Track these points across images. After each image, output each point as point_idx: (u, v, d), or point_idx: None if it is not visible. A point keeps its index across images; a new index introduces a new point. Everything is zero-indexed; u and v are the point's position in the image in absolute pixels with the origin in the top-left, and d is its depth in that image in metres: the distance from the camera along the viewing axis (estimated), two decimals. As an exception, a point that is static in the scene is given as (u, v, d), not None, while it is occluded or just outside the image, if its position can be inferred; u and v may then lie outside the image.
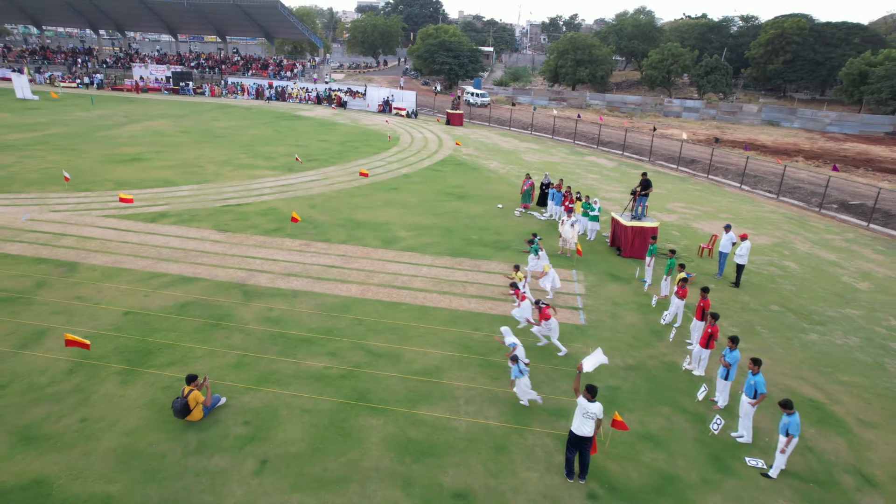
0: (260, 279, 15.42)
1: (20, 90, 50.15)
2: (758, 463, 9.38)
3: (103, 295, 14.04)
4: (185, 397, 9.46)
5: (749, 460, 9.44)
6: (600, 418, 8.51)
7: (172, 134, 36.66)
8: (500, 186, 27.62)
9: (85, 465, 8.60)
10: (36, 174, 24.90)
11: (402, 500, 8.24)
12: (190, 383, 9.60)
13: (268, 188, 24.71)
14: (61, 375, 10.76)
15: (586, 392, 8.48)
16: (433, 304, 14.44)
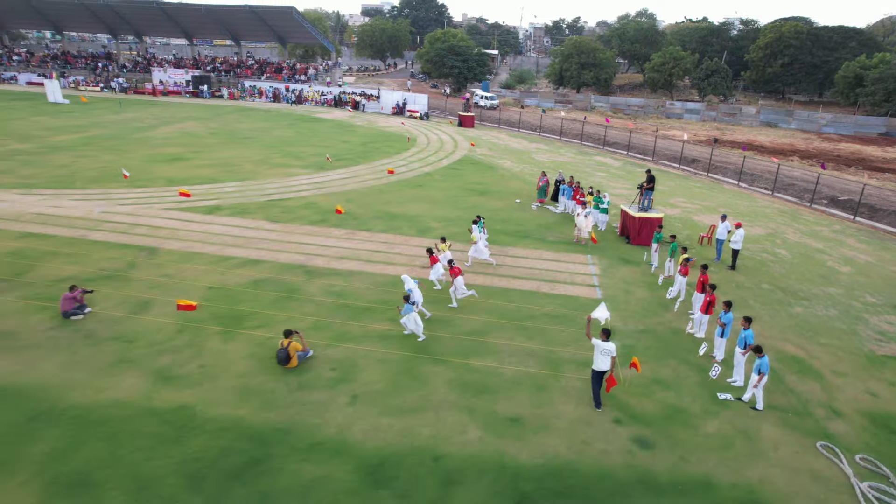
0: (317, 261, 17.70)
1: (52, 94, 52.49)
2: (728, 397, 11.67)
3: (186, 274, 16.32)
4: (286, 348, 11.74)
5: (721, 395, 11.73)
6: (615, 355, 10.81)
7: (203, 135, 38.97)
8: (515, 183, 29.89)
9: (214, 397, 10.88)
10: (93, 172, 27.20)
11: (468, 422, 10.52)
12: (287, 336, 11.87)
13: (304, 185, 27.00)
14: (173, 334, 13.03)
15: (602, 334, 10.81)
16: (470, 282, 16.70)
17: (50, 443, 9.47)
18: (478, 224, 18.81)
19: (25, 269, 16.02)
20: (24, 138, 34.47)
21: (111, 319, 13.52)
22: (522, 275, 17.66)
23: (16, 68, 71.20)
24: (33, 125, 39.33)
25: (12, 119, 41.51)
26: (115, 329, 13.11)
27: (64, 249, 17.64)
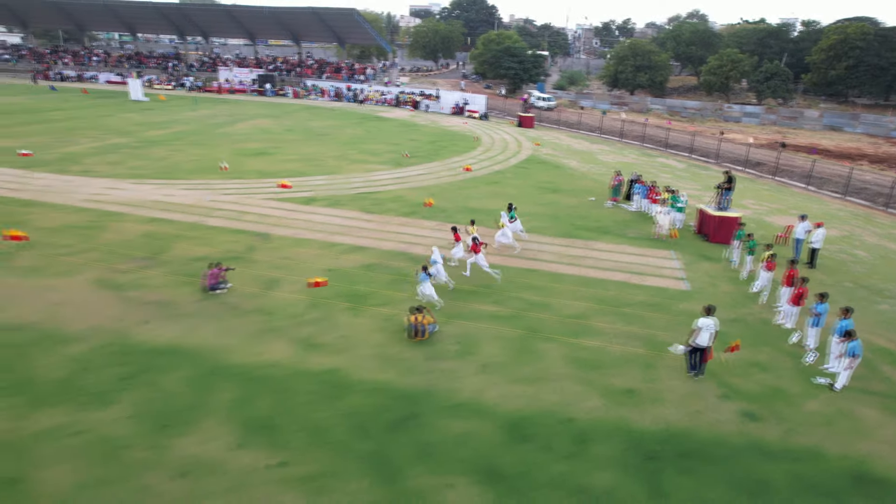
0: (416, 249, 19.09)
1: (134, 92, 55.89)
2: (824, 381, 12.43)
3: (302, 257, 17.93)
4: (420, 322, 13.09)
5: (816, 379, 12.49)
6: (716, 330, 11.79)
7: (279, 132, 41.12)
8: (584, 182, 30.78)
9: (358, 363, 12.30)
10: (190, 165, 29.38)
11: (586, 391, 11.65)
12: (417, 312, 13.22)
13: (387, 179, 28.55)
14: (306, 309, 14.56)
15: (703, 310, 11.83)
16: (563, 272, 17.80)
17: (230, 393, 11.03)
18: (510, 212, 20.01)
19: (162, 249, 17.90)
20: (122, 133, 37.18)
21: (248, 294, 15.15)
22: (611, 267, 18.65)
23: (96, 68, 75.66)
24: (125, 121, 42.22)
25: (105, 115, 44.60)
26: (255, 303, 14.72)
27: (188, 233, 19.51)
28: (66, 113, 44.88)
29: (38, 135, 35.06)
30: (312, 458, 9.39)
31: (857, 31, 70.45)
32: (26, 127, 37.54)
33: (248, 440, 9.75)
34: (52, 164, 27.76)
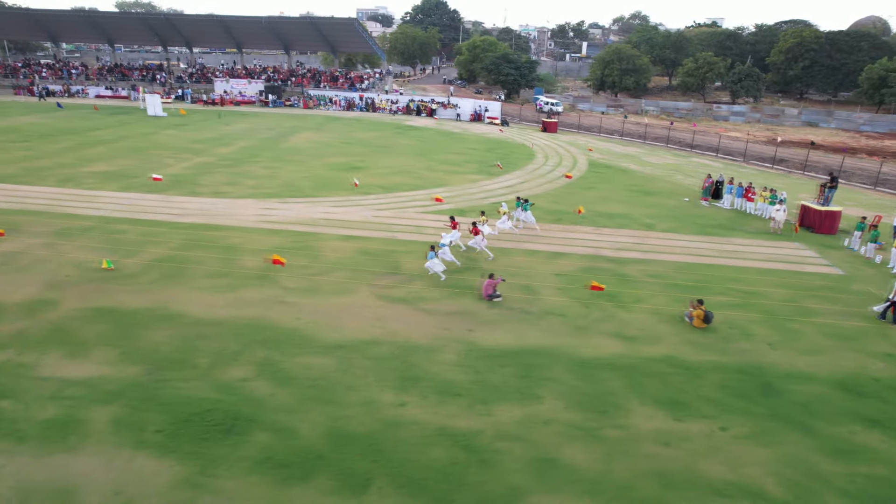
0: (605, 252, 21.59)
1: (152, 108, 54.75)
2: None
3: (528, 265, 19.99)
4: (694, 313, 15.70)
5: None
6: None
7: (337, 145, 42.23)
8: (660, 184, 34.12)
9: (679, 348, 14.74)
10: (306, 182, 30.46)
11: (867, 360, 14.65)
12: (699, 304, 15.83)
13: (499, 188, 30.77)
14: (585, 310, 16.80)
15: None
16: (728, 265, 20.82)
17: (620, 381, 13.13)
18: (525, 205, 23.27)
19: (393, 264, 19.51)
20: (192, 151, 37.26)
21: (521, 300, 17.20)
22: (764, 258, 21.84)
23: (76, 81, 72.47)
24: (176, 139, 41.97)
25: (149, 133, 44.01)
26: (537, 307, 16.81)
27: (396, 248, 21.12)
28: (108, 133, 43.94)
29: (113, 157, 34.75)
30: (742, 422, 11.83)
31: (811, 35, 78.34)
32: (88, 150, 36.94)
33: (684, 414, 12.03)
34: (179, 188, 28.18)
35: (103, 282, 17.16)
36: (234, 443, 10.64)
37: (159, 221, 23.03)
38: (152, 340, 14.04)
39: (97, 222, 22.59)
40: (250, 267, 18.72)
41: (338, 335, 14.68)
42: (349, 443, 10.79)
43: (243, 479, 9.79)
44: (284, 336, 14.51)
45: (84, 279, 17.28)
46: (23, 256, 18.81)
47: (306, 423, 11.29)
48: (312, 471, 10.05)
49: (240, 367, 13.05)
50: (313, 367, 13.23)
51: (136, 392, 12.01)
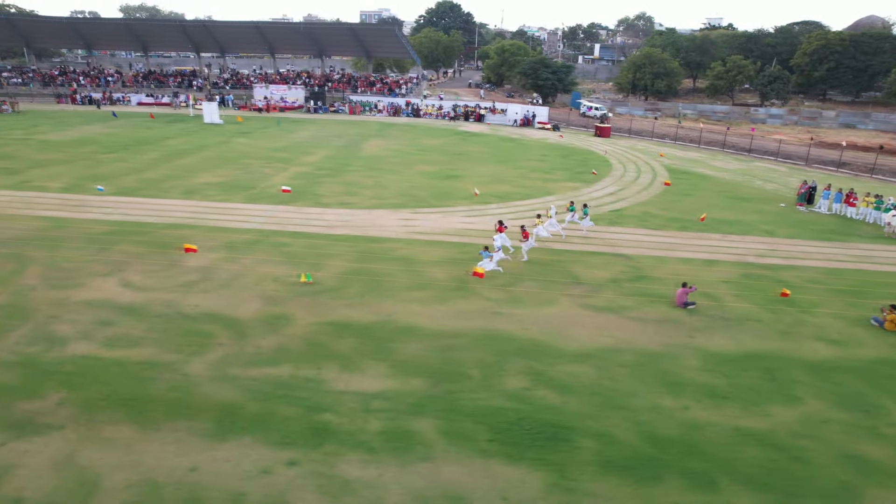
0: (749, 258, 22.67)
1: (209, 115, 55.17)
2: None
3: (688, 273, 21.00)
4: (888, 318, 16.78)
5: None
6: None
7: (416, 153, 43.00)
8: (746, 190, 35.22)
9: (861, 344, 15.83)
10: (418, 191, 31.23)
11: None
12: (892, 312, 16.91)
13: (606, 195, 31.78)
14: (777, 316, 17.83)
15: None
16: (863, 269, 21.97)
17: (851, 384, 14.22)
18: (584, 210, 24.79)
19: (575, 274, 20.42)
20: (280, 160, 37.81)
21: (711, 307, 18.18)
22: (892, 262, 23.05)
23: (117, 89, 72.53)
24: (255, 148, 42.50)
25: (222, 142, 44.48)
26: (733, 313, 17.76)
27: (560, 258, 22.03)
28: (181, 142, 44.39)
29: (210, 168, 35.27)
30: None
31: (835, 38, 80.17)
32: (179, 161, 37.45)
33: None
34: (303, 199, 28.84)
35: (314, 295, 17.89)
36: (566, 449, 11.50)
37: (314, 234, 23.74)
38: (409, 353, 14.83)
39: (256, 235, 23.28)
40: (441, 279, 19.54)
41: (576, 344, 15.57)
42: (668, 445, 11.70)
43: (603, 481, 10.68)
44: (528, 346, 15.37)
45: (294, 293, 18.00)
46: (217, 271, 19.48)
47: (617, 428, 12.17)
48: (658, 471, 10.95)
49: (512, 377, 13.90)
50: (579, 374, 14.12)
51: (438, 403, 12.81)
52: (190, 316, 16.28)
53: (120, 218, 25.04)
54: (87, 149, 40.32)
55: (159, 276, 18.88)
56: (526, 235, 21.21)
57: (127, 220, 24.60)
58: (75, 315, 16.10)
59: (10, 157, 36.51)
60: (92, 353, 14.23)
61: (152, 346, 14.63)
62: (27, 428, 11.45)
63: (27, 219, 24.38)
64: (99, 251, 20.91)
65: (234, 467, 10.65)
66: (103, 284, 18.14)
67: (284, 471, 10.62)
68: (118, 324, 15.69)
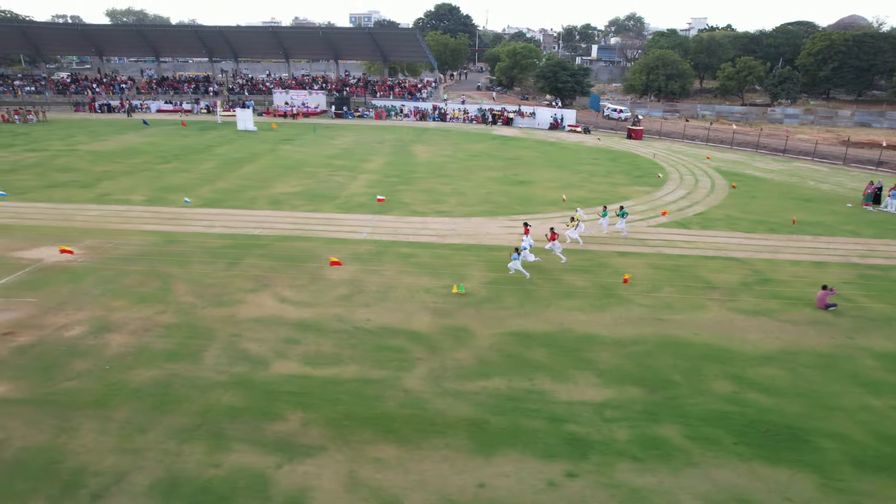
0: (855, 260, 23.48)
1: (242, 122, 54.73)
2: None
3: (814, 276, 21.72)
4: None
5: None
6: None
7: (468, 158, 43.23)
8: (808, 191, 36.09)
9: None
10: (498, 198, 31.55)
11: None
12: None
13: (682, 199, 32.46)
14: (913, 315, 18.61)
15: None
16: None
17: None
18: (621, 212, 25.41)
19: (700, 277, 20.98)
20: (340, 168, 37.74)
21: (848, 308, 18.87)
22: None
23: (128, 96, 71.38)
24: (302, 154, 42.31)
25: (269, 150, 44.16)
26: (871, 314, 18.49)
27: (684, 263, 22.59)
28: (229, 149, 44.03)
29: (278, 177, 35.11)
30: None
31: (839, 38, 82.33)
32: (240, 170, 37.21)
33: None
34: (394, 208, 28.94)
35: (477, 307, 18.15)
36: (811, 450, 11.99)
37: (432, 243, 23.94)
38: (606, 361, 15.20)
39: (376, 246, 23.41)
40: (583, 286, 19.95)
41: (750, 347, 16.12)
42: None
43: (869, 480, 11.18)
44: (709, 350, 15.87)
45: (455, 304, 18.23)
46: (364, 284, 19.60)
47: (844, 428, 12.70)
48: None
49: (715, 382, 14.37)
50: (774, 377, 14.67)
51: (667, 410, 13.20)
52: (370, 331, 16.42)
53: (223, 230, 24.94)
54: (138, 159, 39.80)
55: (310, 291, 18.94)
56: (553, 237, 21.69)
57: (234, 233, 24.51)
58: (254, 333, 16.14)
59: (72, 170, 35.90)
60: (300, 372, 14.32)
61: (353, 363, 14.76)
62: (291, 450, 11.56)
63: (134, 234, 24.15)
64: (230, 266, 20.86)
65: (518, 482, 10.92)
66: (260, 300, 18.16)
67: (569, 483, 10.93)
68: (303, 341, 15.78)
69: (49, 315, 16.85)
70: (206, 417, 12.45)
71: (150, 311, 17.25)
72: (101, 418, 12.36)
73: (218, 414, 12.57)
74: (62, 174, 34.76)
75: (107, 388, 13.40)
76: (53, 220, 25.92)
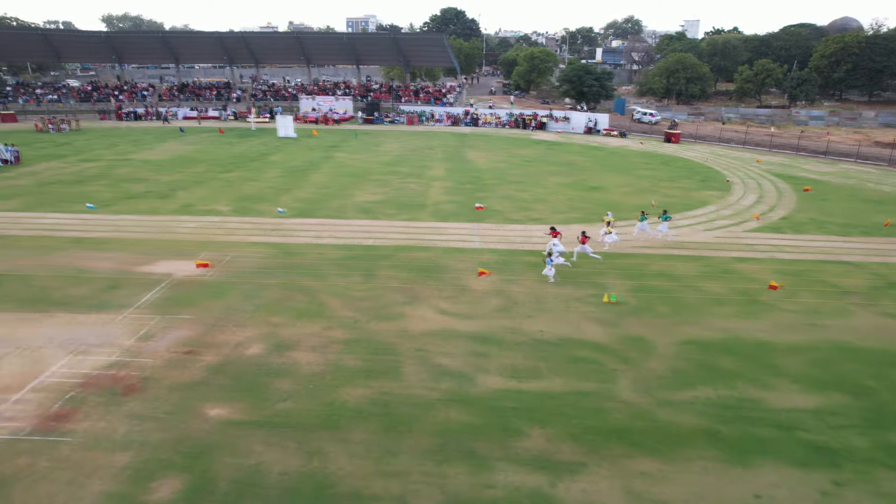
0: (966, 262, 23.97)
1: (283, 129, 54.36)
2: None
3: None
4: None
5: None
6: None
7: (525, 164, 43.43)
8: (869, 193, 36.77)
9: None
10: (587, 204, 31.67)
11: None
12: None
13: (758, 204, 32.84)
14: None
15: None
16: None
17: None
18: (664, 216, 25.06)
19: (834, 283, 21.26)
20: (409, 175, 37.64)
21: None
22: None
23: (156, 103, 70.55)
24: (358, 161, 42.18)
25: (324, 157, 43.91)
26: None
27: (807, 268, 22.85)
28: (283, 157, 43.68)
29: (354, 186, 34.90)
30: None
31: (853, 40, 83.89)
32: (308, 178, 36.96)
33: None
34: (491, 216, 28.89)
35: (637, 315, 18.23)
36: None
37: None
38: (789, 367, 15.39)
39: (499, 255, 23.41)
40: (721, 292, 20.10)
41: (927, 353, 16.36)
42: None
43: None
44: (888, 357, 16.08)
45: (612, 314, 18.29)
46: (511, 295, 19.56)
47: None
48: None
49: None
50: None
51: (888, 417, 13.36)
52: (550, 342, 16.41)
53: (333, 241, 24.76)
54: (197, 168, 39.35)
55: (464, 303, 18.88)
56: (584, 240, 21.72)
57: (347, 244, 24.35)
58: (437, 347, 16.06)
59: (139, 180, 35.40)
60: (509, 386, 14.29)
61: (555, 376, 14.76)
62: (553, 467, 11.53)
63: (245, 246, 23.89)
64: (366, 278, 20.74)
65: (791, 491, 11.02)
66: (420, 313, 18.07)
67: (840, 491, 11.00)
68: (491, 354, 15.73)
69: (216, 332, 16.61)
70: (447, 437, 12.36)
71: (315, 326, 17.07)
72: (340, 440, 12.21)
73: (457, 433, 12.48)
74: (133, 185, 34.26)
75: (327, 408, 13.25)
76: (154, 232, 25.53)
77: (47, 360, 14.96)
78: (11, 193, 31.76)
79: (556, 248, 21.14)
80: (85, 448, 11.75)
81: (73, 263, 21.61)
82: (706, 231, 27.64)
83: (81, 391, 13.66)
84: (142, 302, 18.45)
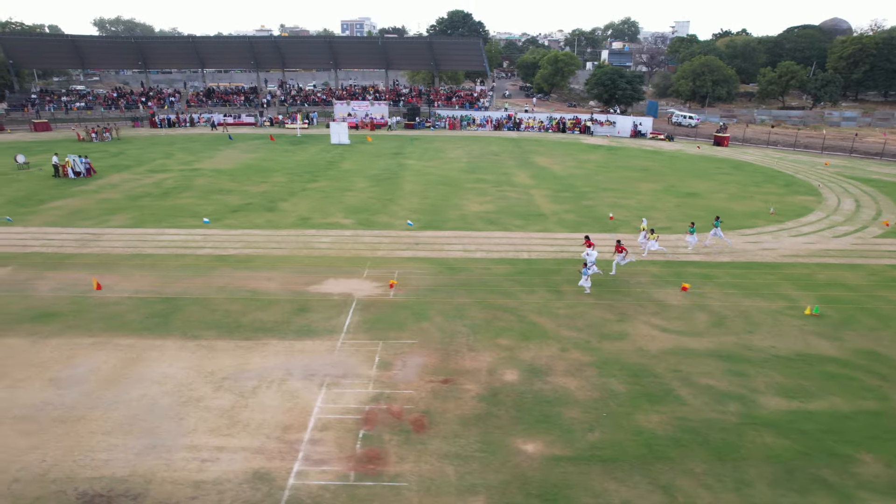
0: None
1: (336, 135, 53.46)
2: None
3: None
4: None
5: None
6: None
7: (599, 170, 43.25)
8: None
9: None
10: (696, 211, 31.50)
11: None
12: None
13: (863, 209, 33.09)
14: None
15: None
16: None
17: None
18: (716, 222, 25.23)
19: None
20: (505, 184, 37.20)
21: None
22: None
23: (191, 110, 68.87)
24: (433, 169, 41.57)
25: (400, 164, 43.13)
26: None
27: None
28: (354, 165, 42.81)
29: (451, 195, 34.32)
30: None
31: (870, 41, 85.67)
32: (401, 188, 36.27)
33: None
34: (618, 227, 28.60)
35: (849, 328, 18.06)
36: None
37: (706, 262, 23.74)
38: None
39: (658, 266, 23.07)
40: None
41: None
42: None
43: None
44: None
45: (825, 327, 18.14)
46: (713, 308, 19.29)
47: None
48: None
49: None
50: None
51: None
52: (791, 358, 16.24)
53: (484, 255, 24.22)
54: (277, 178, 38.37)
55: (674, 319, 18.59)
56: (620, 249, 21.69)
57: (502, 258, 23.86)
58: (688, 367, 15.71)
59: (228, 191, 34.42)
60: (796, 407, 13.99)
61: (828, 395, 14.53)
62: None
63: (402, 262, 23.25)
64: (554, 295, 20.27)
65: None
66: (640, 331, 17.73)
67: None
68: (748, 374, 15.42)
69: (456, 358, 16.03)
70: (784, 464, 11.97)
71: (550, 348, 16.61)
72: (684, 472, 11.76)
73: (789, 460, 12.12)
74: (225, 196, 33.24)
75: (638, 436, 12.78)
76: (294, 248, 24.76)
77: (304, 395, 14.22)
78: (112, 208, 30.51)
79: (590, 257, 20.81)
80: (431, 493, 11.11)
81: (237, 284, 20.76)
82: (835, 238, 27.68)
83: (369, 429, 12.95)
84: (346, 326, 17.72)
